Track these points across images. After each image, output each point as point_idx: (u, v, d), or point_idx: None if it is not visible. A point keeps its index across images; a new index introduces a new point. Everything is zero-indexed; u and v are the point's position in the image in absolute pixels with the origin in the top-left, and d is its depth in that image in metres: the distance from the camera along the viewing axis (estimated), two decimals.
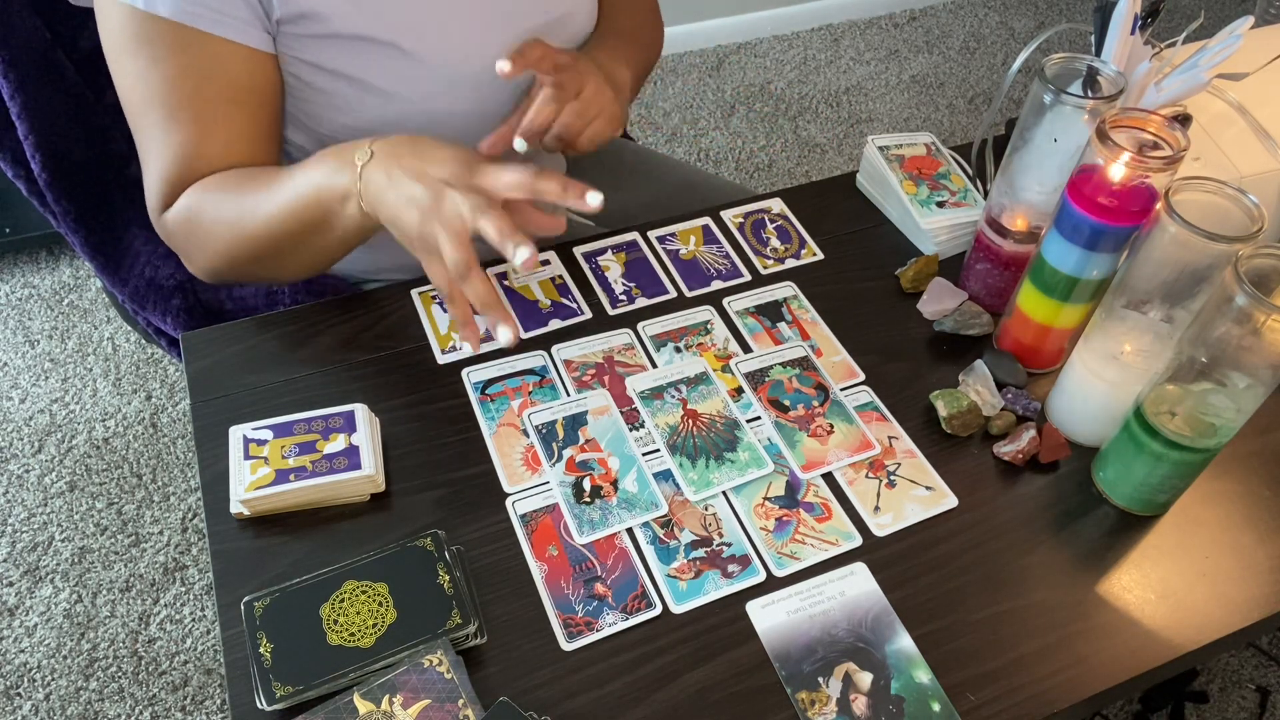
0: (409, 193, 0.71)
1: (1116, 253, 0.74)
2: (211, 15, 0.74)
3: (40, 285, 1.87)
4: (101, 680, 1.37)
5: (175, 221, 0.81)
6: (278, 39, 0.79)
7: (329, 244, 0.79)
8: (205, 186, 0.79)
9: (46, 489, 1.57)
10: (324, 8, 0.77)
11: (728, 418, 0.79)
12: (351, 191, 0.73)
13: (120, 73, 0.77)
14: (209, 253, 0.81)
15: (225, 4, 0.74)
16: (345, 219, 0.75)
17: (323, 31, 0.78)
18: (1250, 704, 1.39)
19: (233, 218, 0.78)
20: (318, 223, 0.76)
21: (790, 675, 0.65)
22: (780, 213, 0.99)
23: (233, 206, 0.78)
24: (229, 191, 0.78)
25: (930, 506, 0.75)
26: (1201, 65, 0.79)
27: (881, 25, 2.64)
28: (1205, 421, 0.68)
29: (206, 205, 0.79)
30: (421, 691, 0.61)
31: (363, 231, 0.77)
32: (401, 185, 0.71)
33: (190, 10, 0.73)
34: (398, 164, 0.72)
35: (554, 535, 0.72)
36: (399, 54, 0.81)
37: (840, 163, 2.23)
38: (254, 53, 0.78)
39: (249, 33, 0.76)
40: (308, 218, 0.76)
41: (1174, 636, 0.69)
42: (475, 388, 0.81)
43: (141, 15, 0.73)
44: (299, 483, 0.71)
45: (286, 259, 0.81)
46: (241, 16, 0.75)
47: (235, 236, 0.79)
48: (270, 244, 0.78)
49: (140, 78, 0.76)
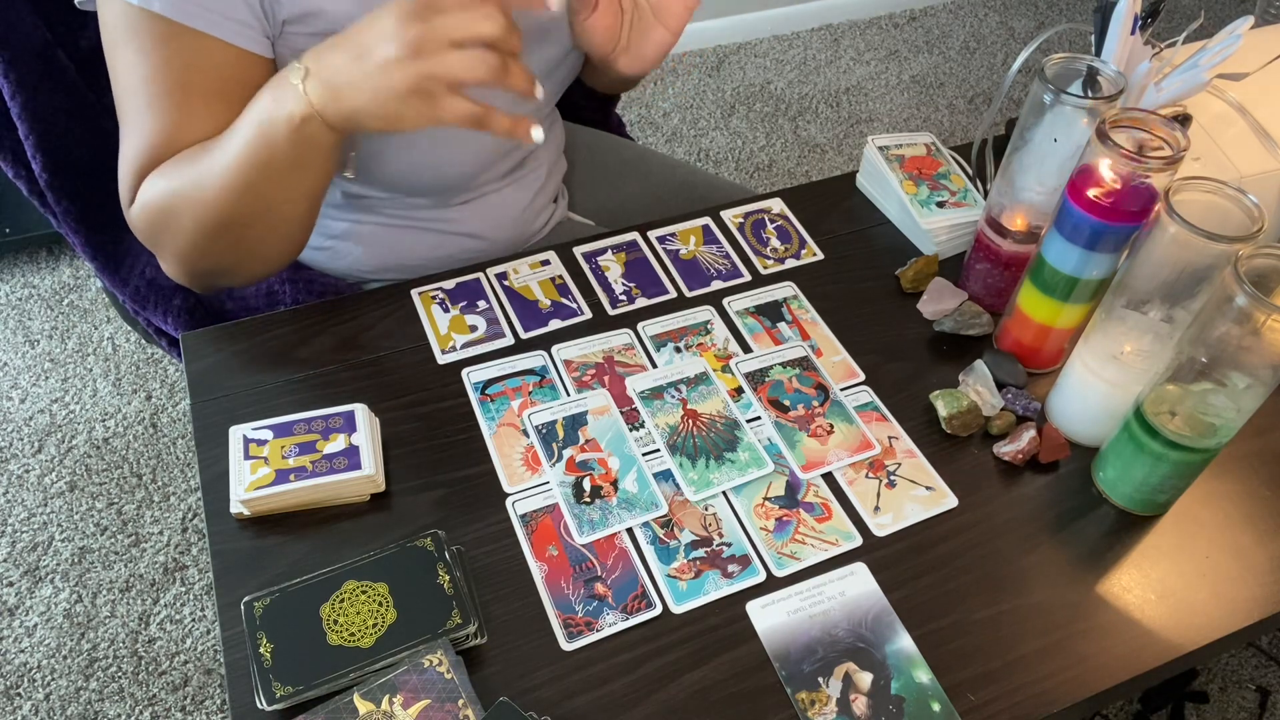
0: (378, 59, 0.66)
1: (1116, 253, 0.74)
2: (209, 15, 0.73)
3: (40, 285, 1.87)
4: (101, 680, 1.37)
5: (140, 211, 0.78)
6: (281, 39, 0.79)
7: (295, 189, 0.75)
8: (164, 167, 0.76)
9: (46, 489, 1.57)
10: (330, 7, 0.77)
11: (728, 418, 0.79)
12: (303, 113, 0.69)
13: (113, 66, 0.76)
14: (176, 237, 0.77)
15: (225, 6, 0.74)
16: (307, 146, 0.71)
17: (328, 30, 0.78)
18: (1250, 704, 1.39)
19: (193, 189, 0.74)
20: (275, 165, 0.72)
21: (790, 675, 0.65)
22: (780, 213, 0.99)
23: (189, 179, 0.74)
24: (184, 165, 0.75)
25: (930, 506, 0.75)
26: (1201, 65, 0.79)
27: (881, 25, 2.64)
28: (1205, 421, 0.68)
29: (165, 187, 0.75)
30: (421, 691, 0.61)
31: (328, 152, 0.73)
32: (366, 61, 0.67)
33: (187, 10, 0.73)
34: (347, 54, 0.68)
35: (554, 535, 0.72)
36: None
37: (840, 163, 2.23)
38: (246, 54, 0.76)
39: (244, 34, 0.75)
40: (263, 159, 0.71)
41: (1174, 636, 0.69)
42: (475, 388, 0.81)
43: (137, 10, 0.73)
44: (299, 483, 0.71)
45: (259, 222, 0.76)
46: (241, 19, 0.75)
47: (198, 209, 0.75)
48: (232, 207, 0.74)
49: (129, 67, 0.74)
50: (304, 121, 0.69)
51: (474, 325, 0.86)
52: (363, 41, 0.67)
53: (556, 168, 1.09)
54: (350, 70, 0.68)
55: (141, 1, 0.72)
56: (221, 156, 0.73)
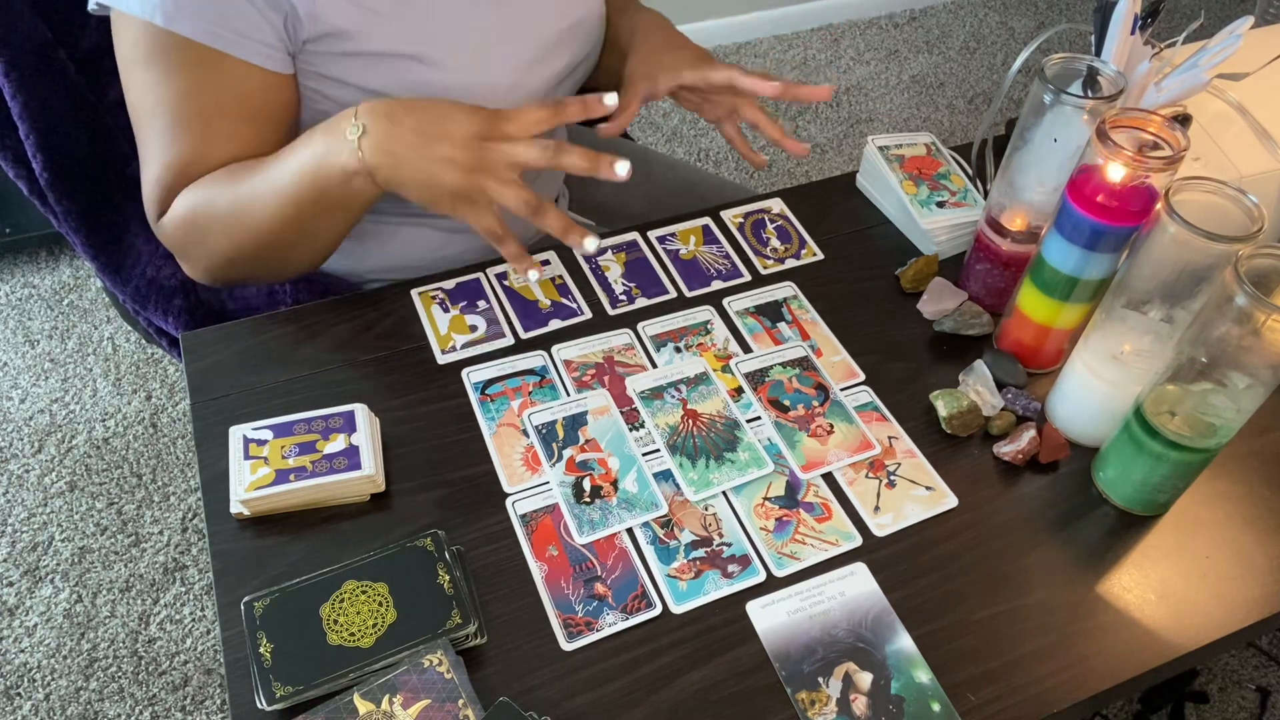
0: (443, 154, 0.72)
1: (1116, 253, 0.74)
2: (232, 36, 0.74)
3: (40, 285, 1.87)
4: (101, 680, 1.37)
5: (173, 224, 0.81)
6: (301, 56, 0.79)
7: (335, 224, 0.79)
8: (201, 185, 0.78)
9: (46, 489, 1.57)
10: (351, 26, 0.78)
11: (728, 418, 0.79)
12: (355, 168, 0.73)
13: (131, 81, 0.77)
14: (210, 251, 0.81)
15: (248, 26, 0.74)
16: (352, 195, 0.76)
17: (350, 49, 0.79)
18: (1250, 704, 1.39)
19: (232, 213, 0.78)
20: (321, 204, 0.76)
21: (790, 675, 0.65)
22: (780, 213, 0.99)
23: (229, 202, 0.78)
24: (224, 187, 0.78)
25: (930, 506, 0.75)
26: (1201, 65, 0.79)
27: (881, 25, 2.64)
28: (1205, 422, 0.68)
29: (202, 204, 0.78)
30: (421, 691, 0.61)
31: (369, 203, 0.78)
32: (431, 149, 0.72)
33: (213, 31, 0.73)
34: (413, 131, 0.72)
35: (554, 535, 0.72)
36: (422, 67, 0.81)
37: (840, 163, 2.23)
38: (270, 74, 0.77)
39: (269, 55, 0.76)
40: (309, 201, 0.76)
41: (1174, 636, 0.69)
42: (475, 388, 0.81)
43: (160, 31, 0.73)
44: (299, 483, 0.71)
45: (294, 248, 0.81)
46: (263, 39, 0.75)
47: (236, 232, 0.78)
48: (274, 235, 0.78)
49: (152, 87, 0.76)
50: (354, 175, 0.74)
51: (474, 325, 0.86)
52: (428, 130, 0.72)
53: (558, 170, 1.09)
54: (409, 150, 0.72)
55: (166, 23, 0.72)
56: (267, 189, 0.76)
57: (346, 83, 0.81)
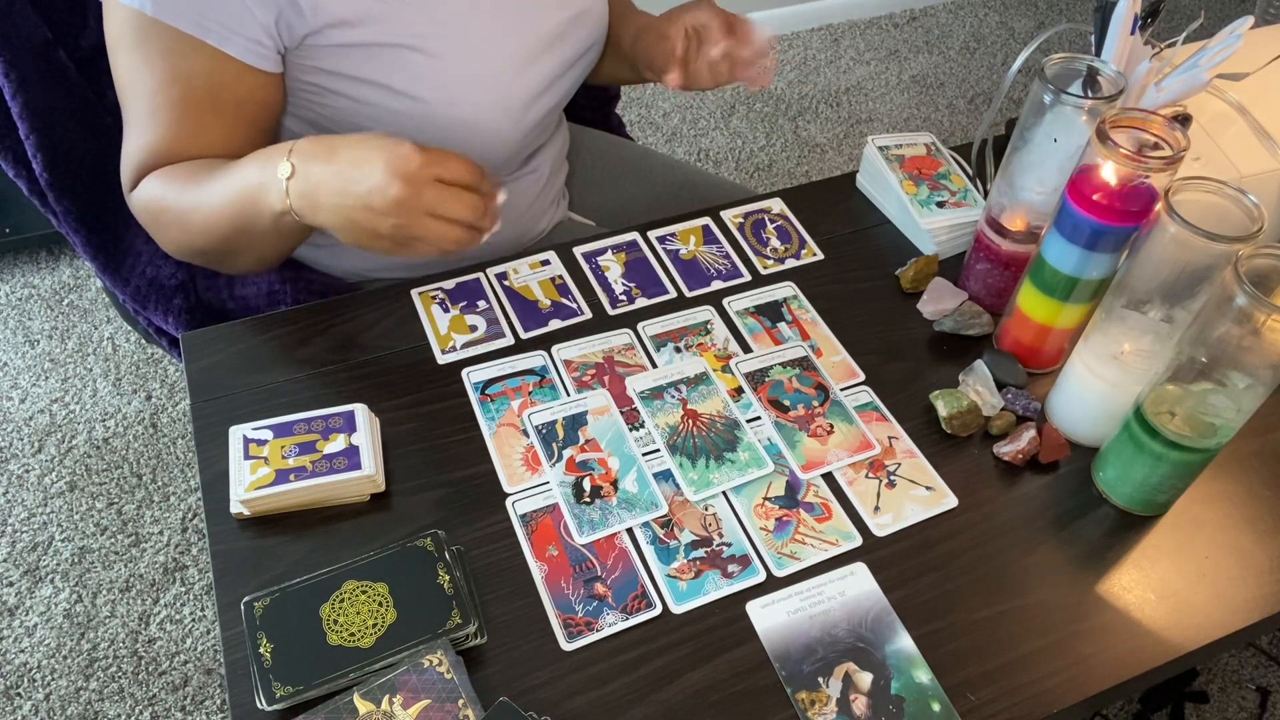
0: (362, 196, 0.69)
1: (1116, 253, 0.74)
2: (219, 30, 0.74)
3: (40, 285, 1.87)
4: (101, 680, 1.37)
5: (138, 205, 0.82)
6: (299, 52, 0.79)
7: (271, 246, 0.80)
8: (164, 176, 0.79)
9: (46, 489, 1.57)
10: (354, 15, 0.78)
11: (728, 418, 0.79)
12: (280, 208, 0.73)
13: (118, 63, 0.78)
14: (166, 240, 0.83)
15: (235, 21, 0.74)
16: (283, 228, 0.75)
17: (352, 40, 0.79)
18: (1250, 704, 1.39)
19: (180, 212, 0.79)
20: (253, 231, 0.77)
21: (790, 675, 0.65)
22: (780, 213, 0.99)
23: (178, 203, 0.78)
24: (179, 187, 0.78)
25: (930, 506, 0.75)
26: (1201, 65, 0.79)
27: (881, 25, 2.64)
28: (1205, 421, 0.68)
29: (159, 197, 0.80)
30: (421, 691, 0.61)
31: (305, 234, 0.79)
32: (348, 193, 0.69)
33: (199, 23, 0.73)
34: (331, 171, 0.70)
35: (554, 535, 0.72)
36: (423, 58, 0.81)
37: (840, 163, 2.23)
38: (253, 71, 0.78)
39: (254, 51, 0.76)
40: (242, 227, 0.77)
41: (1174, 636, 0.69)
42: (475, 388, 0.81)
43: (147, 19, 0.73)
44: (299, 483, 0.71)
45: (237, 255, 0.82)
46: (250, 34, 0.75)
47: (185, 232, 0.80)
48: (216, 242, 0.79)
49: (135, 71, 0.77)
50: (282, 214, 0.73)
51: (474, 325, 0.86)
52: (350, 174, 0.70)
53: (559, 171, 1.09)
54: (332, 194, 0.71)
55: (155, 11, 0.72)
56: (207, 203, 0.77)
57: (347, 75, 0.81)
